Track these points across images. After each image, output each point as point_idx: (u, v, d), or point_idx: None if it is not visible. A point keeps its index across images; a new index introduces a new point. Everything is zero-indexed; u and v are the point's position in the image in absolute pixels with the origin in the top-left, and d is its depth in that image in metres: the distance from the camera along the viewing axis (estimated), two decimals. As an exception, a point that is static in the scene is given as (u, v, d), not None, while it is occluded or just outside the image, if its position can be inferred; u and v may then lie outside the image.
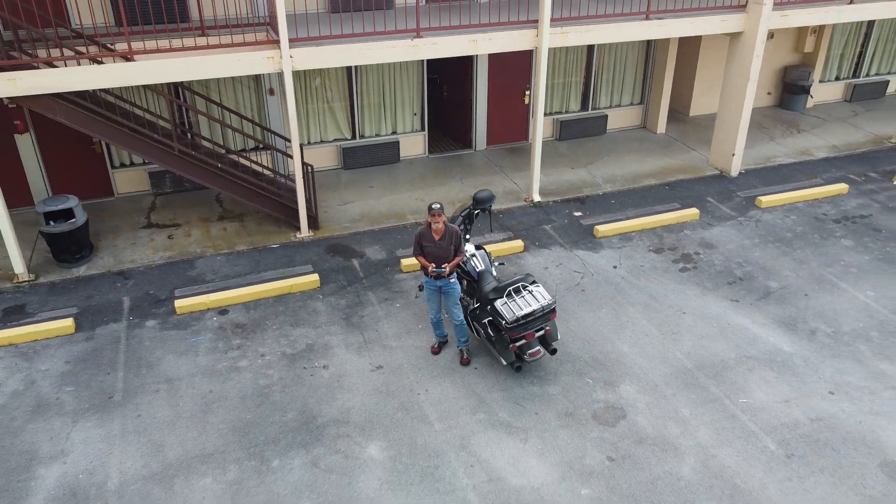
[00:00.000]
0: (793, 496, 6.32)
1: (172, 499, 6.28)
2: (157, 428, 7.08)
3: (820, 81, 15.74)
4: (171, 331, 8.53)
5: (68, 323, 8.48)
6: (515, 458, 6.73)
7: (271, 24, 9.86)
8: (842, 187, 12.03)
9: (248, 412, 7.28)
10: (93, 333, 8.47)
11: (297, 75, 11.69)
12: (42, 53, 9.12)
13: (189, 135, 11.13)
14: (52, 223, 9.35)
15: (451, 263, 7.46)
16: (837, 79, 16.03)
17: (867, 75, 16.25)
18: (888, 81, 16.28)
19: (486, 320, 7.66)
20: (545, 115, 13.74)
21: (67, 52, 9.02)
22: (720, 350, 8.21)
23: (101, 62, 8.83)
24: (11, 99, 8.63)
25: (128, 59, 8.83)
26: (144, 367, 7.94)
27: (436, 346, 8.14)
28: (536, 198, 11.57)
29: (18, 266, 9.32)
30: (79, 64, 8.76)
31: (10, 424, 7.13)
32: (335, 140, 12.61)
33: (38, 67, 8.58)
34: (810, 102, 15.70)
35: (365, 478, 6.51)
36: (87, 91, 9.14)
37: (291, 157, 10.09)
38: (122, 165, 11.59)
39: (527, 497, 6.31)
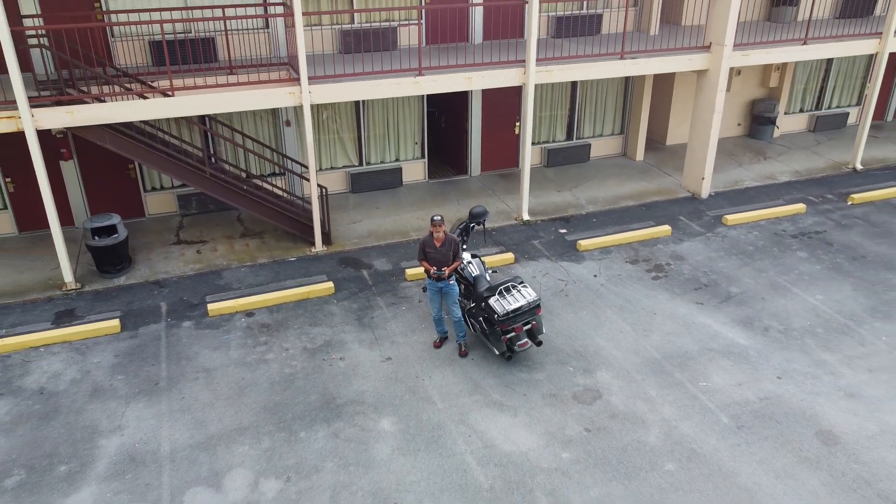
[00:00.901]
0: (740, 458, 7.50)
1: (216, 462, 7.43)
2: (199, 408, 8.25)
3: (785, 113, 17.23)
4: (205, 330, 9.73)
5: (115, 323, 9.67)
6: (506, 429, 7.91)
7: (291, 64, 11.26)
8: (800, 207, 13.39)
9: (276, 395, 8.45)
10: (136, 332, 9.66)
11: (311, 108, 13.05)
12: (90, 89, 10.45)
13: (216, 160, 12.43)
14: (97, 238, 10.59)
15: (450, 267, 8.71)
16: (801, 111, 17.52)
17: (829, 107, 17.76)
18: (848, 113, 17.77)
19: (481, 317, 8.89)
20: (533, 144, 15.13)
21: (115, 89, 10.35)
22: (685, 344, 9.44)
23: (145, 97, 10.15)
24: (70, 129, 9.93)
25: (167, 95, 10.17)
26: (184, 359, 9.13)
27: (437, 341, 9.35)
28: (526, 217, 12.87)
29: (67, 276, 10.53)
30: (125, 99, 10.09)
31: (72, 406, 8.29)
32: (344, 166, 13.94)
33: (89, 102, 9.90)
34: (777, 132, 17.16)
35: (379, 445, 7.67)
36: (131, 122, 10.46)
37: (308, 179, 11.39)
38: (153, 189, 12.88)
39: (516, 459, 7.47)
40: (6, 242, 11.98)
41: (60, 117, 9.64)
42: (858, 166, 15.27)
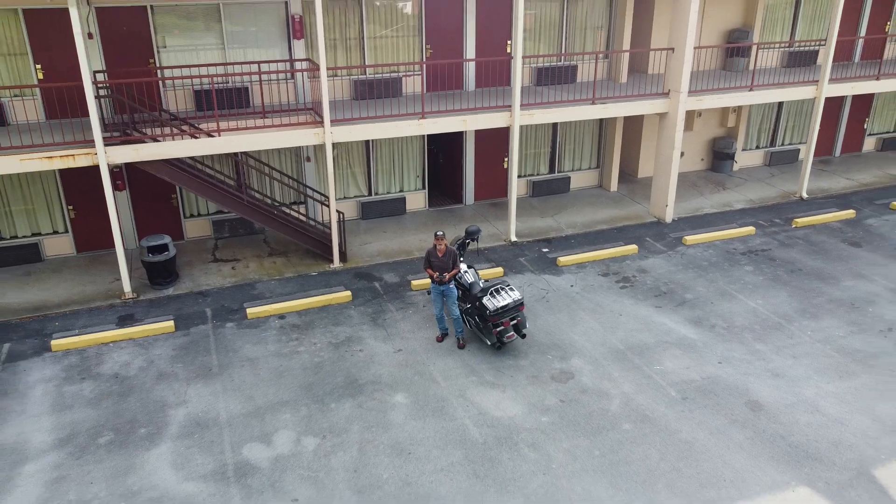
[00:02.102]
0: (683, 420, 9.43)
1: (265, 426, 9.31)
2: (247, 387, 10.13)
3: (743, 150, 19.49)
4: (246, 329, 11.65)
5: (170, 324, 11.59)
6: (496, 401, 9.82)
7: (315, 109, 13.42)
8: (750, 230, 15.50)
9: (308, 378, 10.35)
10: (188, 332, 11.58)
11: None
12: (149, 131, 12.54)
13: (247, 189, 14.48)
14: (151, 255, 12.56)
15: (450, 273, 10.71)
16: (757, 147, 19.80)
17: (782, 144, 20.04)
18: (799, 149, 20.06)
19: (475, 316, 10.87)
20: (520, 176, 17.26)
21: (171, 130, 12.45)
22: (644, 338, 11.42)
23: (196, 137, 12.22)
24: (133, 163, 11.97)
25: (212, 135, 12.26)
26: (230, 351, 11.04)
27: (439, 336, 11.30)
28: (513, 238, 14.93)
29: (126, 287, 12.46)
30: (179, 138, 12.15)
31: (143, 386, 10.16)
32: (355, 196, 16.02)
33: (148, 142, 11.97)
34: (735, 166, 19.39)
35: (394, 413, 9.57)
36: (179, 158, 12.53)
37: (328, 206, 13.44)
38: (192, 215, 14.90)
39: (504, 422, 9.38)
40: (68, 261, 13.94)
41: (127, 153, 11.70)
42: (804, 195, 17.46)
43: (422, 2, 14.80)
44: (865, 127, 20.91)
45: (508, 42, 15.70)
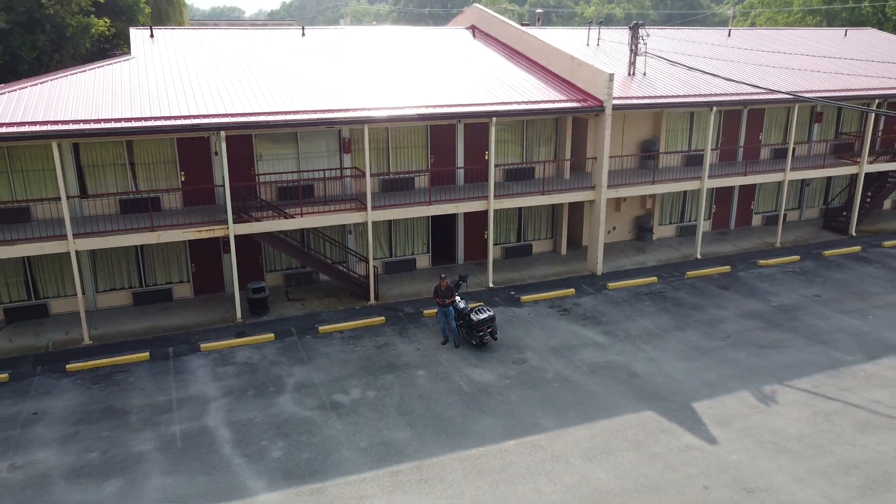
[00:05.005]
0: (588, 381, 16.06)
1: (342, 385, 15.83)
2: (327, 368, 16.69)
3: (659, 225, 26.68)
4: (319, 339, 18.27)
5: (271, 336, 18.20)
6: (479, 374, 16.43)
7: (359, 199, 20.47)
8: (654, 279, 22.46)
9: (364, 363, 16.93)
10: (283, 340, 18.17)
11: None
12: (252, 213, 19.44)
13: (312, 250, 21.35)
14: (254, 294, 19.25)
15: (449, 300, 17.48)
16: (670, 223, 27.01)
17: (688, 221, 27.27)
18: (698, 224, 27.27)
19: (465, 327, 17.61)
20: (495, 244, 24.24)
21: (270, 213, 19.35)
22: (572, 341, 18.13)
23: (286, 217, 19.10)
24: (248, 234, 18.82)
25: (293, 217, 19.17)
26: (312, 350, 17.63)
27: (443, 340, 17.96)
28: (490, 285, 21.78)
29: (238, 315, 19.10)
30: (276, 219, 19.04)
31: (263, 368, 16.69)
32: (381, 258, 22.89)
33: (249, 221, 18.83)
34: (654, 237, 26.53)
35: (418, 380, 16.14)
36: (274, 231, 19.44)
37: (366, 262, 20.28)
38: (271, 270, 21.68)
39: (483, 384, 15.97)
40: (190, 301, 20.59)
41: (246, 227, 18.58)
42: (699, 256, 24.54)
43: (428, 128, 22.15)
44: (752, 207, 28.27)
45: (486, 152, 23.00)
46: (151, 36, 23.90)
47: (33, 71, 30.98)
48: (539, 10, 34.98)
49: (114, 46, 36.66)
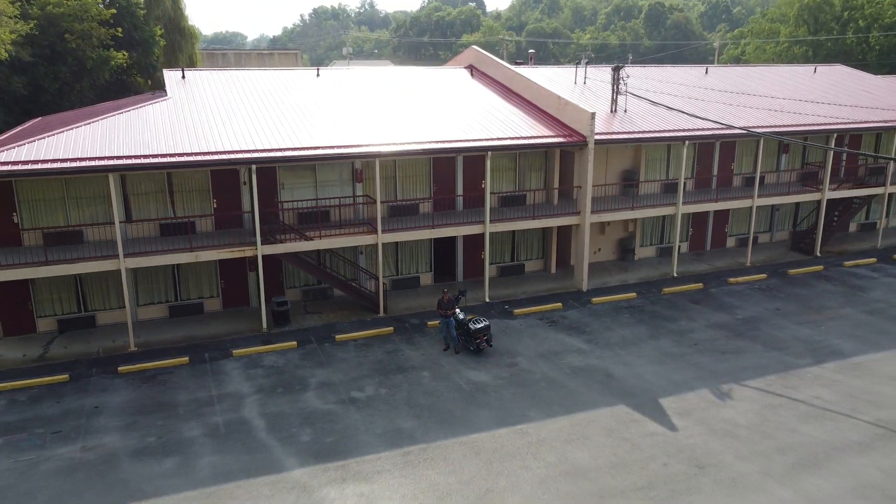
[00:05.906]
0: (570, 381, 18.56)
1: (358, 384, 18.33)
2: (344, 370, 19.19)
3: (640, 246, 29.31)
4: (336, 346, 20.80)
5: (293, 343, 20.73)
6: (476, 374, 18.95)
7: (370, 223, 23.11)
8: (634, 294, 25.02)
9: (377, 366, 19.45)
10: (304, 347, 20.70)
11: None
12: (277, 235, 22.05)
13: (328, 268, 23.92)
14: (278, 307, 21.80)
15: (450, 311, 20.05)
16: (651, 244, 29.63)
17: (667, 243, 29.89)
18: (679, 246, 29.92)
19: (464, 335, 20.16)
20: (491, 263, 26.84)
21: (291, 235, 21.95)
22: (558, 348, 20.67)
23: (306, 239, 21.70)
24: (273, 255, 21.42)
25: (312, 239, 21.78)
26: (330, 355, 20.15)
27: (445, 347, 20.50)
28: (487, 300, 24.34)
29: (264, 324, 21.64)
30: (297, 240, 21.64)
31: (289, 370, 19.18)
32: (388, 276, 25.48)
33: (274, 243, 21.42)
34: (636, 257, 29.14)
35: (424, 380, 18.65)
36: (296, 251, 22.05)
37: (377, 279, 22.87)
38: (290, 287, 24.24)
39: (480, 383, 18.48)
40: (219, 313, 23.12)
41: (272, 248, 21.19)
42: (675, 275, 27.14)
43: (431, 160, 24.88)
44: (727, 230, 30.94)
45: (483, 182, 25.68)
46: (183, 77, 26.70)
47: (55, 101, 33.37)
48: (531, 51, 38.04)
49: (130, 77, 39.36)
